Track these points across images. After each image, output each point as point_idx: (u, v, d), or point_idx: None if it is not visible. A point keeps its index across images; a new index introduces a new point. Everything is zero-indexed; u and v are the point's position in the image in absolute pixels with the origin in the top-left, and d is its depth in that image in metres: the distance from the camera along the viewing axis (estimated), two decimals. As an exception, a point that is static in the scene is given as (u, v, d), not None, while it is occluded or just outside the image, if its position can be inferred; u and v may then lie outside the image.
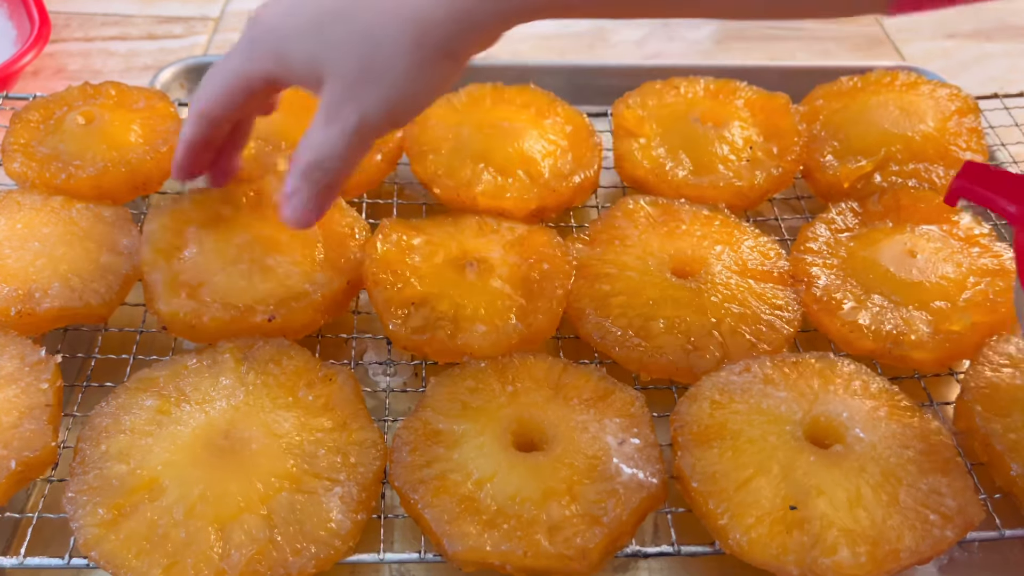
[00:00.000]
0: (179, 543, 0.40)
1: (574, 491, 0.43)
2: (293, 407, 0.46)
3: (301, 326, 0.51)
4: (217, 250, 0.53)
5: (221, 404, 0.46)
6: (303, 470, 0.43)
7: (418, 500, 0.42)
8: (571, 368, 0.49)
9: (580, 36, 0.90)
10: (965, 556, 0.48)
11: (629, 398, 0.48)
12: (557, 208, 0.61)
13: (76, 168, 0.59)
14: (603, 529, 0.41)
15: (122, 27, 0.88)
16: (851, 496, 0.42)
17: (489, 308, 0.52)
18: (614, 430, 0.46)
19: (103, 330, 0.55)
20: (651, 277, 0.53)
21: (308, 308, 0.51)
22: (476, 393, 0.47)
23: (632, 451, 0.45)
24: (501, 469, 0.43)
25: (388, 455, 0.45)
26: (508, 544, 0.41)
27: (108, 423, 0.45)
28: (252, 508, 0.41)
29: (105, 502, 0.42)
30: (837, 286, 0.54)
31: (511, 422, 0.45)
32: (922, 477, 0.43)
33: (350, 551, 0.42)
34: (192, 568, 0.40)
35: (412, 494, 0.43)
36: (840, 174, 0.62)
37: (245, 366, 0.48)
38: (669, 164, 0.63)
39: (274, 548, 0.40)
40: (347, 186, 0.61)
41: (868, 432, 0.45)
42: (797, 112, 0.66)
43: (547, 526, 0.41)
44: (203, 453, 0.43)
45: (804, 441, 0.44)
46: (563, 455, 0.44)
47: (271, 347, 0.48)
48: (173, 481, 0.42)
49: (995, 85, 0.79)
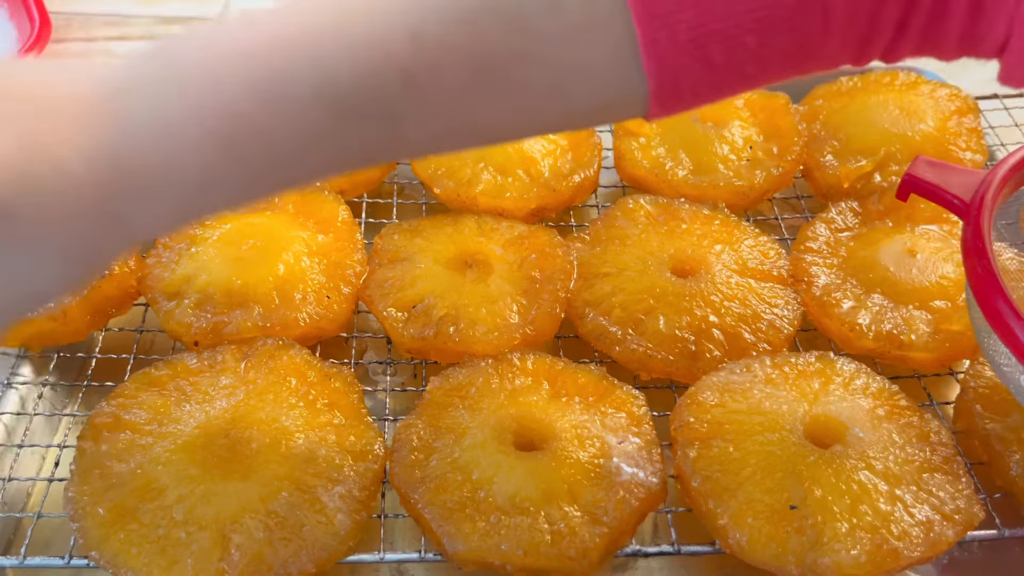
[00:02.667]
0: (179, 543, 0.40)
1: (574, 491, 0.43)
2: (293, 407, 0.46)
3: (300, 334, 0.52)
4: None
5: (221, 404, 0.46)
6: (303, 470, 0.43)
7: (418, 500, 0.42)
8: (571, 367, 0.49)
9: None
10: (965, 556, 0.48)
11: (629, 397, 0.48)
12: (557, 208, 0.61)
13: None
14: (603, 528, 0.41)
15: (122, 27, 0.88)
16: (851, 495, 0.42)
17: (490, 309, 0.52)
18: (614, 429, 0.46)
19: (103, 330, 0.55)
20: (651, 276, 0.53)
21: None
22: (476, 392, 0.47)
23: (632, 450, 0.45)
24: (501, 469, 0.43)
25: (388, 455, 0.45)
26: (508, 544, 0.41)
27: (108, 423, 0.45)
28: (252, 508, 0.41)
29: (106, 502, 0.42)
30: (837, 285, 0.54)
31: (511, 421, 0.45)
32: (922, 476, 0.43)
33: (350, 551, 0.42)
34: (192, 568, 0.40)
35: (412, 494, 0.43)
36: (840, 174, 0.62)
37: (245, 364, 0.48)
38: (669, 164, 0.63)
39: (274, 548, 0.40)
40: (347, 185, 0.61)
41: (868, 432, 0.45)
42: (797, 112, 0.66)
43: (547, 526, 0.41)
44: (203, 453, 0.43)
45: (804, 440, 0.44)
46: (563, 454, 0.44)
47: (271, 346, 0.48)
48: (173, 481, 0.42)
49: (995, 85, 0.78)
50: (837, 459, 0.43)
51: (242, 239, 0.54)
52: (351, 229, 0.57)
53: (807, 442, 0.44)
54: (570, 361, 0.50)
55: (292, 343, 0.49)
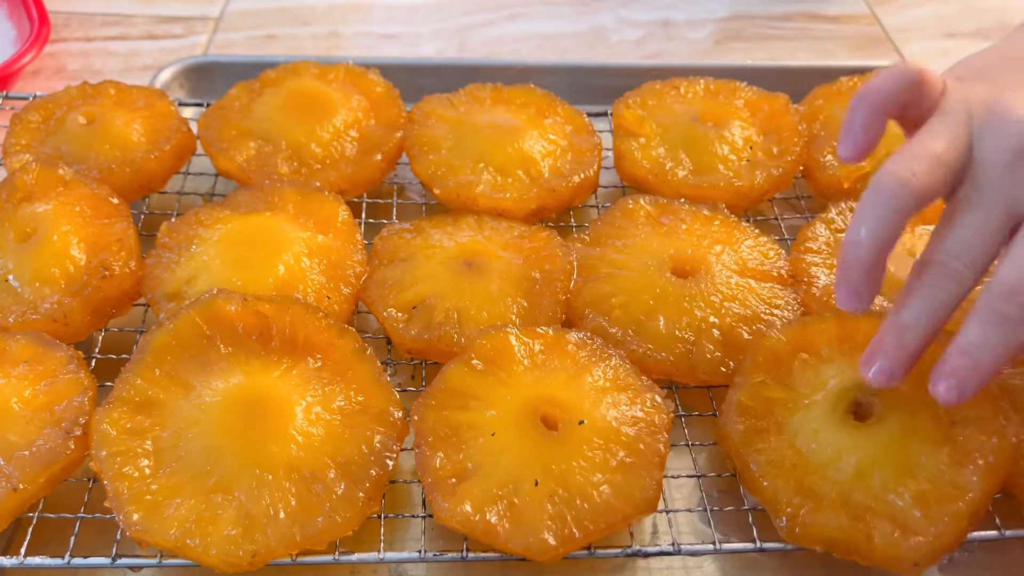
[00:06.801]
0: (191, 509, 0.41)
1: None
2: (314, 379, 0.47)
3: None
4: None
5: (241, 378, 0.46)
6: (322, 441, 0.44)
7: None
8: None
9: (580, 36, 0.90)
10: (965, 556, 0.48)
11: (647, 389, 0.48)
12: (557, 208, 0.61)
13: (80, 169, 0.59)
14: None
15: (122, 27, 0.88)
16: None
17: (491, 310, 0.52)
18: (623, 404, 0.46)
19: (103, 330, 0.55)
20: (651, 277, 0.53)
21: None
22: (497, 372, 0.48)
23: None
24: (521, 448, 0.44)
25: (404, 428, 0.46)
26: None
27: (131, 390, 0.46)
28: (273, 471, 0.42)
29: (137, 466, 0.43)
30: (837, 286, 0.54)
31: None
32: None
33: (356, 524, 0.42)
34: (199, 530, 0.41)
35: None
36: (840, 174, 0.62)
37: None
38: (669, 164, 0.63)
39: (292, 513, 0.41)
40: (347, 186, 0.61)
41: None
42: (797, 112, 0.66)
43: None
44: (229, 421, 0.44)
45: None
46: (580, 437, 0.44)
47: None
48: (193, 451, 0.43)
49: (995, 85, 0.79)
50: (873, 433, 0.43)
51: (242, 240, 0.54)
52: (351, 229, 0.57)
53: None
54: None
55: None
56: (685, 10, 0.94)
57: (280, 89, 0.66)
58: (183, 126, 0.64)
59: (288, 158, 0.62)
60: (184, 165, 0.65)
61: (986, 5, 0.96)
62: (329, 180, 0.60)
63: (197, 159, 0.67)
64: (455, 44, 0.88)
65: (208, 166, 0.67)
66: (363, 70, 0.69)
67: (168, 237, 0.56)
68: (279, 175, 0.61)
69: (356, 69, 0.69)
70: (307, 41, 0.87)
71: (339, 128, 0.64)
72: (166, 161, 0.62)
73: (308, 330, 0.48)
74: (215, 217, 0.56)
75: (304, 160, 0.62)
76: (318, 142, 0.63)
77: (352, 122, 0.64)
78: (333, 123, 0.64)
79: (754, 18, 0.93)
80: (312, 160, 0.62)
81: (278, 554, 0.41)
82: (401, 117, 0.66)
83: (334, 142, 0.63)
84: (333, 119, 0.64)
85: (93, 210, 0.55)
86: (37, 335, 0.49)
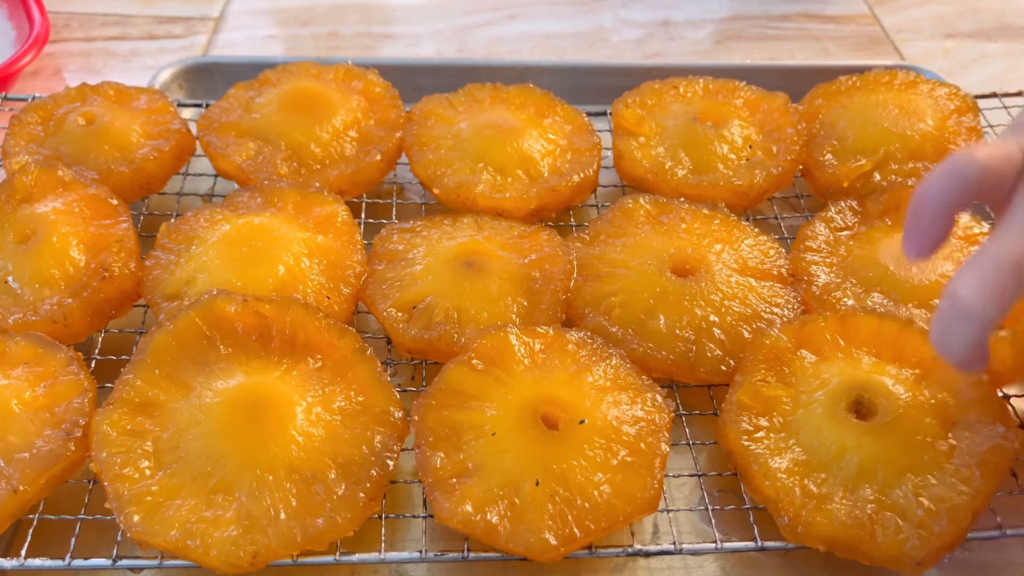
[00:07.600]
0: (191, 510, 0.41)
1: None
2: (314, 380, 0.47)
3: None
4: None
5: (241, 378, 0.46)
6: (322, 441, 0.44)
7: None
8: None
9: (580, 36, 0.90)
10: (965, 556, 0.48)
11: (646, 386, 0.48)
12: (557, 208, 0.61)
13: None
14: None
15: (122, 27, 0.88)
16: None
17: (491, 309, 0.52)
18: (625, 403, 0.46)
19: (103, 331, 0.55)
20: (651, 276, 0.53)
21: None
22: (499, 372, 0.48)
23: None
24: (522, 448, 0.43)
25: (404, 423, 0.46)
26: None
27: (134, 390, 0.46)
28: (273, 472, 0.42)
29: (138, 467, 0.43)
30: (837, 284, 0.54)
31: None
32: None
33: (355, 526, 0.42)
34: (200, 535, 0.40)
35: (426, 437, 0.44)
36: (839, 173, 0.62)
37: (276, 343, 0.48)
38: (668, 163, 0.63)
39: (293, 513, 0.41)
40: (347, 186, 0.61)
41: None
42: (797, 112, 0.66)
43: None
44: (229, 422, 0.43)
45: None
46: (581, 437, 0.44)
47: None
48: (193, 452, 0.43)
49: (994, 84, 0.79)
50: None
51: (241, 240, 0.54)
52: (351, 229, 0.57)
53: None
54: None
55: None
56: (685, 10, 0.94)
57: (280, 89, 0.66)
58: (183, 127, 0.64)
59: (287, 158, 0.62)
60: (183, 166, 0.65)
61: (986, 5, 0.96)
62: (328, 180, 0.60)
63: (196, 160, 0.67)
64: (455, 44, 0.88)
65: (207, 167, 0.67)
66: (362, 70, 0.69)
67: (168, 238, 0.56)
68: (278, 175, 0.61)
69: (355, 69, 0.69)
70: (307, 41, 0.87)
71: (338, 128, 0.64)
72: (165, 162, 0.61)
73: (308, 330, 0.48)
74: (215, 218, 0.56)
75: (303, 160, 0.62)
76: (317, 142, 0.63)
77: (351, 122, 0.64)
78: (332, 123, 0.64)
79: (754, 18, 0.93)
80: (312, 160, 0.62)
81: (279, 555, 0.40)
82: (400, 117, 0.66)
83: (333, 142, 0.63)
84: (332, 119, 0.64)
85: (92, 211, 0.55)
86: (37, 336, 0.49)
